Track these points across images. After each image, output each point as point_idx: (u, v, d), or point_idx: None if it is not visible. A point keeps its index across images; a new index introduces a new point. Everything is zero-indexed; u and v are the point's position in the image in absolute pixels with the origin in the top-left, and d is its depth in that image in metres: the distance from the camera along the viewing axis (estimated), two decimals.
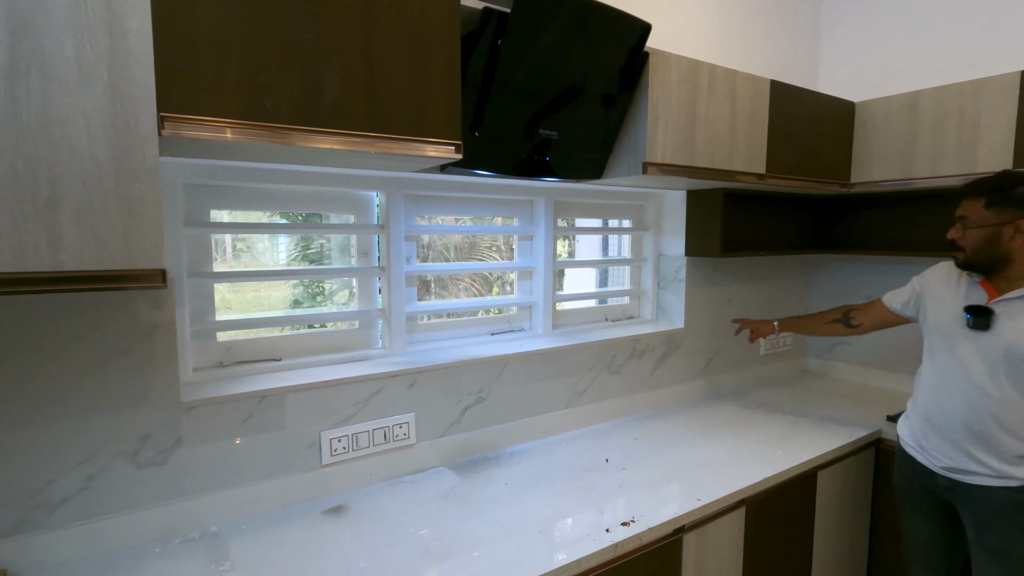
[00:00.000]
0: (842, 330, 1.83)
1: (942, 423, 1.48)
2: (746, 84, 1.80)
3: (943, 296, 1.54)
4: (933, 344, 1.55)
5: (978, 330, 1.42)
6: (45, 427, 1.13)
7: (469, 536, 1.25)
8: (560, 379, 1.89)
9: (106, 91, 0.87)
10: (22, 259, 0.83)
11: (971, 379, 1.43)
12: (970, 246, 1.42)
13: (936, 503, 1.56)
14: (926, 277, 1.63)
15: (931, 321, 1.56)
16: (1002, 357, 1.38)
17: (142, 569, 1.13)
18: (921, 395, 1.58)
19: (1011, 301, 1.39)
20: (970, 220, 1.41)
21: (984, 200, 1.39)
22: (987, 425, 1.40)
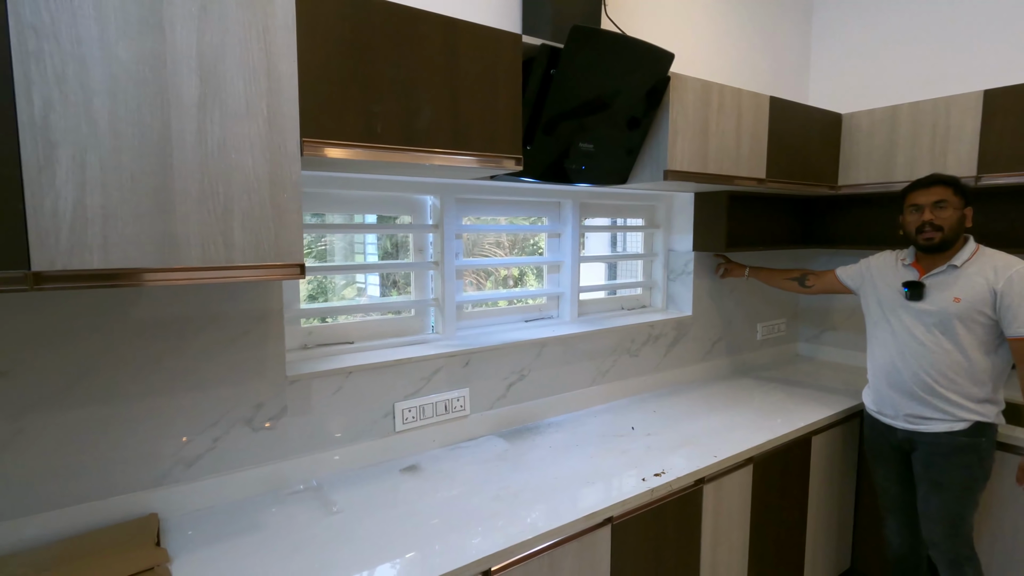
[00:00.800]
0: (796, 287, 2.26)
1: (897, 380, 1.81)
2: (749, 100, 2.06)
3: (887, 277, 1.89)
4: (881, 316, 1.89)
5: (914, 301, 1.77)
6: (182, 396, 1.35)
7: (528, 486, 1.50)
8: (587, 360, 2.14)
9: (265, 121, 1.09)
10: (206, 255, 1.06)
11: (915, 339, 1.77)
12: (948, 225, 1.71)
13: (898, 457, 1.90)
14: (872, 261, 1.99)
15: (879, 296, 1.90)
16: (935, 319, 1.73)
17: (265, 514, 1.36)
18: (876, 362, 1.90)
19: (935, 275, 1.76)
20: (949, 203, 1.71)
21: (952, 188, 1.72)
22: (931, 374, 1.73)
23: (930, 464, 1.77)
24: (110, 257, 0.97)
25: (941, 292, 1.73)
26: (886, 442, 1.91)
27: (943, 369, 1.72)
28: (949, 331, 1.71)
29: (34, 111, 0.89)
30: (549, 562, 1.32)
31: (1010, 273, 1.64)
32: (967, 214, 1.74)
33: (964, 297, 1.68)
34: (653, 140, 1.87)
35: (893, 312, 1.84)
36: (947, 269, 1.74)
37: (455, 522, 1.32)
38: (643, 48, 1.63)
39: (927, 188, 1.74)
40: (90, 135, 0.94)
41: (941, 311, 1.72)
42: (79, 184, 0.93)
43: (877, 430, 1.93)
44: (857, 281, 2.03)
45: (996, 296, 1.65)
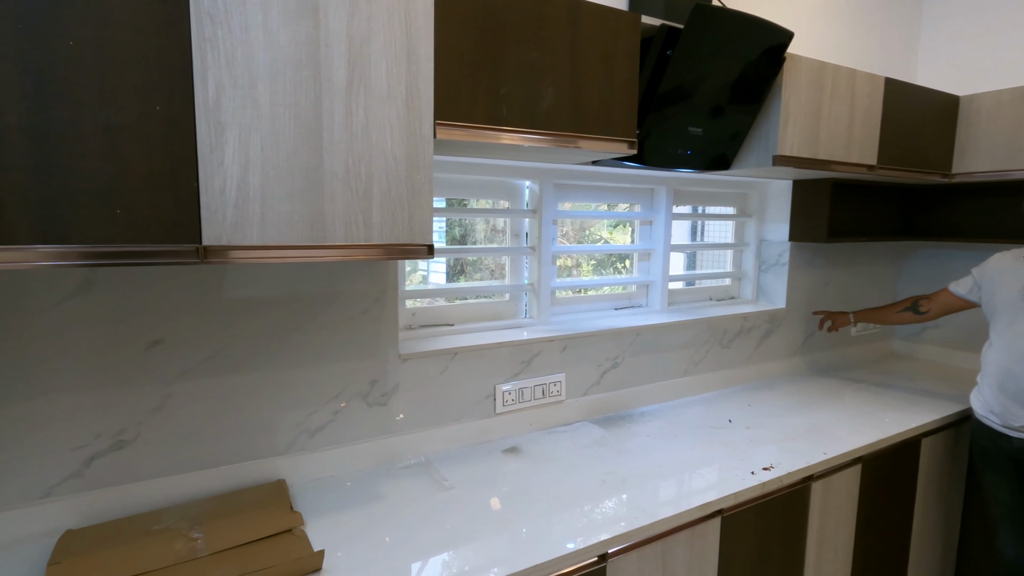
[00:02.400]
0: (912, 317, 2.05)
1: (1013, 387, 1.70)
2: (864, 82, 1.95)
3: (1006, 279, 1.77)
4: (999, 321, 1.77)
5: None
6: (308, 370, 1.42)
7: (635, 472, 1.49)
8: (679, 350, 2.10)
9: (403, 104, 1.12)
10: (349, 234, 1.09)
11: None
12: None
13: (1013, 466, 1.77)
14: (986, 266, 1.86)
15: (997, 301, 1.78)
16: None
17: (381, 485, 1.41)
18: (991, 368, 1.79)
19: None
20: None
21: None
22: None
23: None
24: (267, 233, 1.02)
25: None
26: (999, 449, 1.79)
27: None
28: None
29: (208, 94, 0.95)
30: (662, 550, 1.31)
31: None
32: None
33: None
34: (763, 124, 1.80)
35: (1013, 315, 1.73)
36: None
37: (565, 503, 1.33)
38: (764, 26, 1.57)
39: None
40: (254, 117, 0.98)
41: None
42: (243, 164, 0.98)
43: (989, 436, 1.81)
44: (975, 291, 1.89)
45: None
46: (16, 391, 1.14)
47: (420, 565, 1.09)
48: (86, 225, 0.88)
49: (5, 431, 1.14)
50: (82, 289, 1.17)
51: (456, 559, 1.11)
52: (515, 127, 1.28)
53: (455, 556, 1.12)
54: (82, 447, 1.20)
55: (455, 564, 1.09)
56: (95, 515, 1.21)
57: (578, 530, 1.21)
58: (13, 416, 1.14)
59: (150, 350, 1.24)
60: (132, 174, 0.90)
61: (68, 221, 0.87)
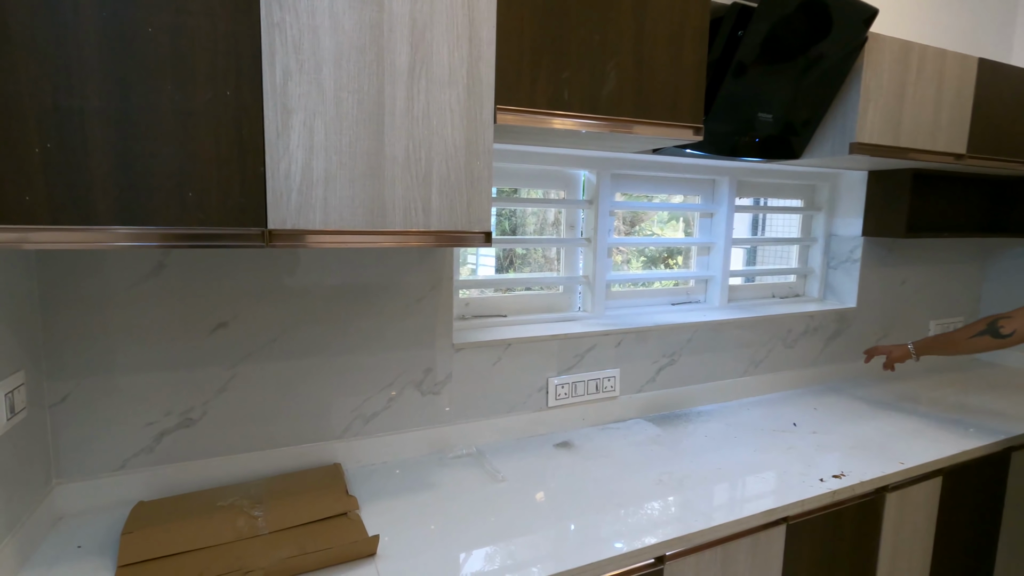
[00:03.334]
0: (990, 343, 1.64)
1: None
2: (954, 64, 1.79)
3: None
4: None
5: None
6: (365, 357, 1.43)
7: (693, 474, 1.43)
8: (738, 348, 2.01)
9: (464, 89, 1.10)
10: (407, 220, 1.09)
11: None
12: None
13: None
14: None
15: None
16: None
17: (435, 474, 1.41)
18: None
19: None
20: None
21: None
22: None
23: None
24: (329, 218, 1.02)
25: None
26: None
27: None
28: None
29: (276, 79, 0.95)
30: (723, 556, 1.25)
31: None
32: None
33: None
34: (839, 109, 1.68)
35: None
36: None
37: (620, 500, 1.28)
38: (845, 4, 1.46)
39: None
40: (318, 102, 0.99)
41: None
42: (308, 148, 0.99)
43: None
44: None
45: None
46: (95, 365, 1.20)
47: (470, 556, 1.08)
48: (160, 208, 0.91)
49: (85, 404, 1.20)
50: (155, 271, 1.22)
51: (507, 552, 1.09)
52: (576, 112, 1.24)
53: (506, 549, 1.10)
54: (153, 423, 1.25)
55: (506, 557, 1.08)
56: (165, 488, 1.26)
57: (632, 530, 1.17)
58: (92, 390, 1.20)
59: (215, 332, 1.28)
60: (203, 158, 0.92)
61: (144, 204, 0.89)
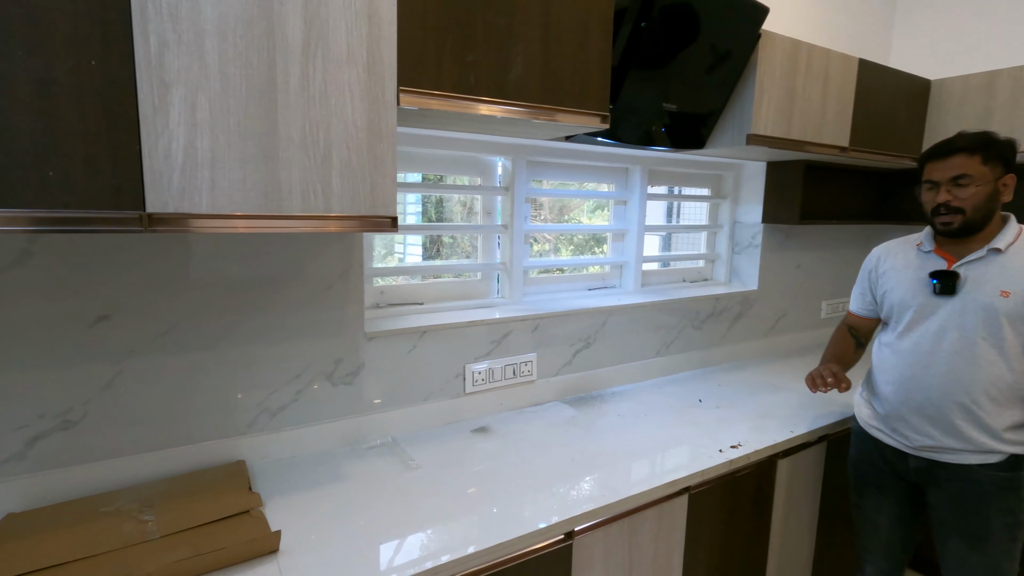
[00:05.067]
0: (859, 352, 1.69)
1: (922, 399, 1.39)
2: (838, 63, 1.94)
3: (902, 271, 1.47)
4: (899, 321, 1.46)
5: (945, 295, 1.37)
6: (269, 348, 1.37)
7: (604, 451, 1.48)
8: (651, 331, 2.10)
9: (364, 68, 1.07)
10: (306, 204, 1.05)
11: (947, 347, 1.36)
12: (972, 205, 1.32)
13: (902, 488, 1.51)
14: (874, 262, 1.58)
15: (894, 299, 1.48)
16: (978, 320, 1.32)
17: (347, 465, 1.38)
18: (889, 374, 1.47)
19: (973, 263, 1.35)
20: (975, 177, 1.30)
21: (980, 156, 1.30)
22: (970, 394, 1.33)
23: (963, 509, 1.38)
24: (218, 202, 0.96)
25: (982, 285, 1.32)
26: (887, 468, 1.51)
27: (985, 386, 1.32)
28: (994, 335, 1.31)
29: (150, 49, 0.88)
30: (629, 527, 1.30)
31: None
32: (1004, 186, 1.33)
33: (1014, 290, 1.29)
34: (737, 102, 1.78)
35: (918, 313, 1.41)
36: (987, 255, 1.34)
37: (533, 482, 1.31)
38: (739, 0, 1.54)
39: (944, 159, 1.34)
40: (201, 76, 0.93)
41: (986, 308, 1.31)
42: (191, 126, 0.93)
43: (876, 451, 1.52)
44: (869, 303, 1.59)
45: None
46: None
47: (382, 545, 1.07)
48: (16, 188, 0.82)
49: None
50: (20, 259, 1.10)
51: (420, 538, 1.09)
52: (483, 96, 1.23)
53: (416, 536, 1.10)
54: (24, 427, 1.14)
55: (415, 544, 1.07)
56: (40, 497, 1.15)
57: (546, 508, 1.20)
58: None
59: (96, 325, 1.18)
60: (66, 133, 0.84)
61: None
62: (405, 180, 1.80)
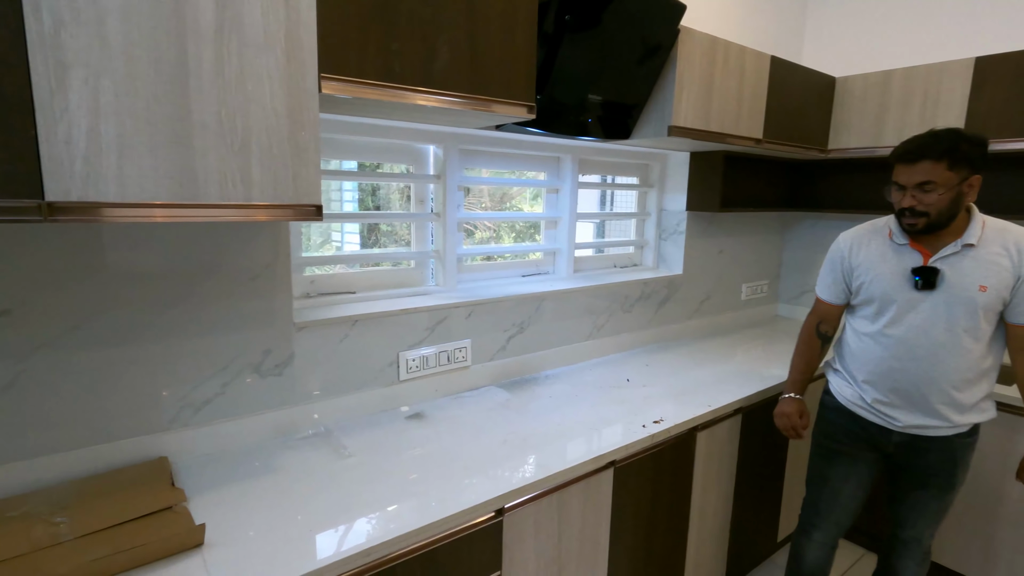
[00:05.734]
0: (819, 344, 1.73)
1: (909, 389, 1.48)
2: (752, 59, 2.06)
3: (878, 266, 1.52)
4: (882, 313, 1.51)
5: (927, 290, 1.43)
6: (191, 341, 1.33)
7: (535, 432, 1.54)
8: (583, 315, 2.18)
9: (283, 53, 1.05)
10: (224, 193, 1.02)
11: (933, 341, 1.43)
12: (937, 210, 1.37)
13: (874, 458, 1.62)
14: (846, 252, 1.60)
15: (875, 291, 1.52)
16: (960, 314, 1.40)
17: (278, 457, 1.37)
18: (875, 364, 1.53)
19: (948, 257, 1.42)
20: (938, 184, 1.35)
21: (946, 162, 1.34)
22: (953, 381, 1.43)
23: (937, 471, 1.53)
24: (127, 190, 0.93)
25: (961, 279, 1.40)
26: (867, 441, 1.60)
27: (965, 374, 1.43)
28: (974, 327, 1.40)
29: (44, 28, 0.84)
30: (558, 502, 1.37)
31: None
32: (969, 187, 1.37)
33: (991, 284, 1.37)
34: (659, 95, 1.86)
35: (901, 307, 1.47)
36: (962, 250, 1.41)
37: (466, 465, 1.35)
38: None
39: (911, 165, 1.38)
40: (103, 58, 0.88)
41: (966, 303, 1.39)
42: (93, 110, 0.89)
43: (858, 426, 1.60)
44: (842, 291, 1.63)
45: (1019, 280, 1.37)
46: None
47: (309, 534, 1.07)
48: None
49: None
50: None
51: (353, 525, 1.10)
52: (408, 85, 1.24)
53: (352, 522, 1.11)
54: None
55: (345, 530, 1.09)
56: None
57: (478, 489, 1.24)
58: None
59: None
60: None
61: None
62: (341, 168, 1.77)
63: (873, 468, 1.65)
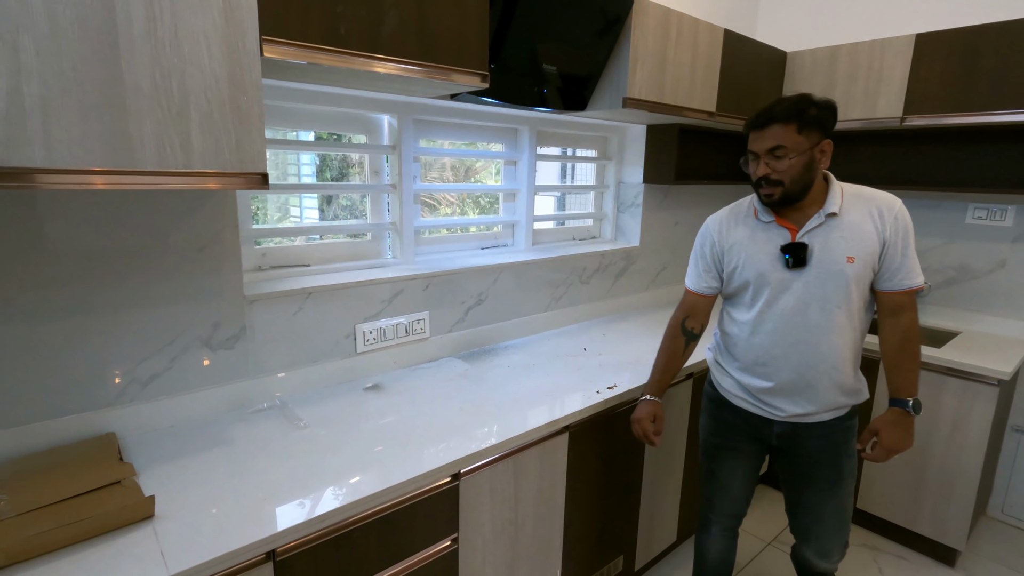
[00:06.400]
0: (683, 343, 1.58)
1: (793, 377, 1.38)
2: (705, 32, 2.09)
3: (747, 247, 1.41)
4: (756, 298, 1.41)
5: (799, 268, 1.34)
6: (136, 314, 1.29)
7: (491, 401, 1.57)
8: (541, 287, 2.20)
9: (221, 14, 1.01)
10: (163, 159, 0.99)
11: (809, 322, 1.34)
12: (791, 177, 1.29)
13: (757, 449, 1.54)
14: (715, 236, 1.49)
15: (748, 274, 1.41)
16: (831, 289, 1.32)
17: (231, 430, 1.36)
18: (754, 354, 1.43)
19: (815, 231, 1.34)
20: (790, 148, 1.27)
21: (795, 125, 1.26)
22: (833, 362, 1.35)
23: (822, 461, 1.44)
24: (55, 155, 0.89)
25: (829, 252, 1.32)
26: (749, 434, 1.51)
27: (843, 352, 1.36)
28: (846, 302, 1.33)
29: None
30: (514, 466, 1.41)
31: (895, 213, 1.31)
32: (821, 152, 1.30)
33: (858, 254, 1.31)
34: (614, 67, 1.87)
35: (775, 289, 1.37)
36: (826, 220, 1.33)
37: (423, 433, 1.37)
38: None
39: (761, 130, 1.31)
40: (22, 14, 0.84)
41: (837, 277, 1.31)
42: (13, 70, 0.84)
43: (740, 418, 1.51)
44: (714, 279, 1.50)
45: (884, 246, 1.31)
46: None
47: (262, 503, 1.08)
48: None
49: None
50: None
51: (308, 493, 1.11)
52: (355, 50, 1.21)
53: (306, 490, 1.12)
54: None
55: (306, 498, 1.09)
56: None
57: (435, 454, 1.26)
58: None
59: None
60: None
61: None
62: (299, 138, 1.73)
63: (758, 459, 1.57)
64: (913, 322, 1.37)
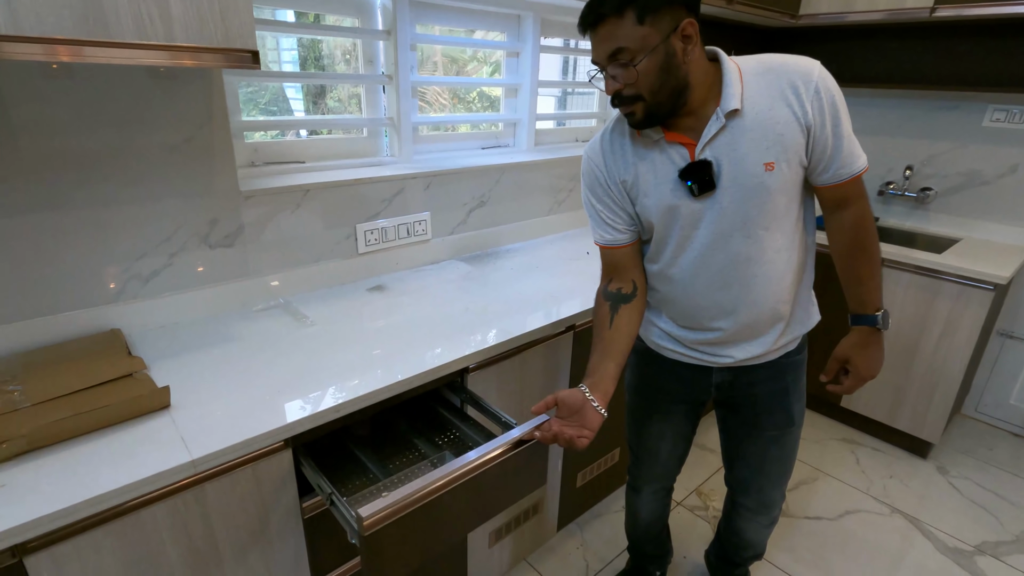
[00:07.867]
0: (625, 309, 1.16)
1: (730, 325, 1.12)
2: None
3: (647, 178, 1.07)
4: (667, 239, 1.11)
5: (707, 194, 1.02)
6: (128, 207, 1.24)
7: (497, 301, 1.57)
8: (544, 189, 2.14)
9: None
10: (141, 31, 0.90)
11: (733, 253, 1.06)
12: (648, 87, 0.95)
13: (687, 408, 1.34)
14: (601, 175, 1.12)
15: (654, 214, 1.09)
16: (752, 209, 1.02)
17: (238, 327, 1.35)
18: (680, 306, 1.16)
19: (716, 139, 1.00)
20: (634, 49, 0.92)
21: (632, 14, 0.91)
22: (776, 295, 1.09)
23: (769, 405, 1.23)
24: (23, 22, 0.80)
25: (740, 163, 1.00)
26: (680, 390, 1.30)
27: (786, 281, 1.09)
28: (774, 219, 1.03)
29: None
30: (520, 363, 1.43)
31: (813, 85, 0.97)
32: (686, 37, 0.93)
33: (778, 156, 0.99)
34: None
35: (686, 225, 1.07)
36: (728, 123, 0.99)
37: (429, 332, 1.37)
38: None
39: (594, 32, 0.96)
40: None
41: (757, 192, 1.01)
42: None
43: (670, 373, 1.28)
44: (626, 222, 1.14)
45: (810, 132, 0.99)
46: None
47: (276, 392, 1.09)
48: None
49: None
50: None
51: (317, 385, 1.12)
52: None
53: (313, 381, 1.13)
54: None
55: (312, 388, 1.11)
56: None
57: (442, 354, 1.27)
58: None
59: None
60: None
61: None
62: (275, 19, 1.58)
63: (690, 418, 1.37)
64: (863, 215, 1.09)
